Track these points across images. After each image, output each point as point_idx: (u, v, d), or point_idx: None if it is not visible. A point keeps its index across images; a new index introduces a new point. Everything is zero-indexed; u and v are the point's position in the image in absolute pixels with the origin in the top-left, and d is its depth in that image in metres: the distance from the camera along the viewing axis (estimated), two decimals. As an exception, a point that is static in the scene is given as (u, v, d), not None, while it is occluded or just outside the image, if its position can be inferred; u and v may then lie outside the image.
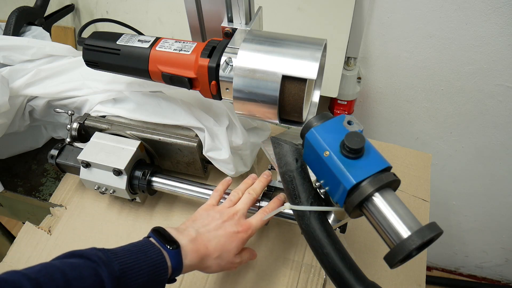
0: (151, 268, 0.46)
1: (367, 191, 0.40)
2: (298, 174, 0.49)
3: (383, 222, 0.40)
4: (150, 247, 0.48)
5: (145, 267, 0.45)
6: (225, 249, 0.54)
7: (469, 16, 0.88)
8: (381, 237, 0.41)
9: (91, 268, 0.41)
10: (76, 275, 0.40)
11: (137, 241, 0.49)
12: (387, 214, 0.39)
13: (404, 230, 0.38)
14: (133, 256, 0.46)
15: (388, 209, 0.40)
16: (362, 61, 1.07)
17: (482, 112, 1.06)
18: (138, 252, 0.46)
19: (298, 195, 0.48)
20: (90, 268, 0.41)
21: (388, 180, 0.40)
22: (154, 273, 0.46)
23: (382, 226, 0.40)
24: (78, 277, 0.40)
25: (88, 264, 0.42)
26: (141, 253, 0.46)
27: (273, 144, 0.52)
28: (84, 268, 0.41)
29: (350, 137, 0.41)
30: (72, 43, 1.28)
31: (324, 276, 0.68)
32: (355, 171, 0.40)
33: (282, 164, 0.50)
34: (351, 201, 0.41)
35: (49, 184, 0.85)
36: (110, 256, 0.44)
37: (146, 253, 0.47)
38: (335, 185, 0.42)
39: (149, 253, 0.47)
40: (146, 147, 0.73)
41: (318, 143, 0.43)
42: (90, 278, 0.40)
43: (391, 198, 0.40)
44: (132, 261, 0.45)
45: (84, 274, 0.40)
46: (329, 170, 0.42)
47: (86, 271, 0.41)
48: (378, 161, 0.41)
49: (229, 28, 0.60)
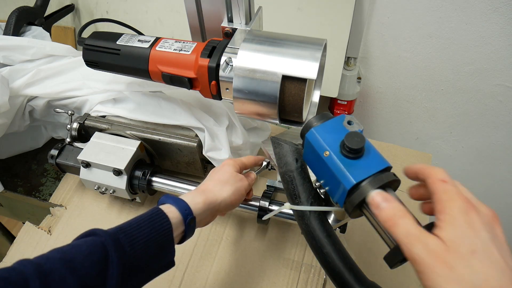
0: (149, 219, 0.46)
1: (367, 191, 0.40)
2: (298, 174, 0.49)
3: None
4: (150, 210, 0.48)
5: (145, 219, 0.45)
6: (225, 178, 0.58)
7: (469, 16, 0.88)
8: (381, 237, 0.41)
9: (92, 238, 0.42)
10: (74, 247, 0.40)
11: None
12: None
13: None
14: (133, 220, 0.46)
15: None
16: (362, 61, 1.07)
17: (482, 112, 1.06)
18: (138, 217, 0.47)
19: (298, 195, 0.49)
20: (90, 238, 0.42)
21: (388, 180, 0.40)
22: (154, 222, 0.45)
23: (382, 226, 0.40)
24: (76, 246, 0.40)
25: (89, 237, 0.42)
26: (140, 217, 0.47)
27: (273, 144, 0.52)
28: (83, 240, 0.41)
29: (350, 137, 0.41)
30: (72, 43, 1.28)
31: (324, 276, 0.68)
32: (355, 171, 0.40)
33: (282, 164, 0.50)
34: (351, 201, 0.41)
35: (49, 184, 0.85)
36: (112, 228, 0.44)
37: (146, 214, 0.47)
38: (335, 185, 0.42)
39: (148, 212, 0.47)
40: (146, 147, 0.73)
41: (318, 143, 0.43)
42: (88, 243, 0.41)
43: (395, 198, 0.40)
44: (131, 222, 0.45)
45: (80, 243, 0.40)
46: (329, 170, 0.42)
47: (85, 242, 0.41)
48: (378, 161, 0.41)
49: (229, 28, 0.60)
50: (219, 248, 0.72)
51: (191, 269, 0.70)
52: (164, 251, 0.46)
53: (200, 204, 0.52)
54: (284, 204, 0.50)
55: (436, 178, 0.35)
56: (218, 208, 0.55)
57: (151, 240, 0.44)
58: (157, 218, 0.46)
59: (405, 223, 0.35)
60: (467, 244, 0.30)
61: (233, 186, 0.57)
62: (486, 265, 0.30)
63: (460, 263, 0.30)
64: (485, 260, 0.30)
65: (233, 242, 0.73)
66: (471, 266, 0.30)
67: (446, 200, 0.33)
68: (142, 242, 0.43)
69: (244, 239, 0.73)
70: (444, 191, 0.34)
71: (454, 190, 0.34)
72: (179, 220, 0.48)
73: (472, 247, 0.30)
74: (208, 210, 0.53)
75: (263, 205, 0.66)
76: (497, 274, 0.29)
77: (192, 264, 0.70)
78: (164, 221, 0.46)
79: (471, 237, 0.31)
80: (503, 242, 0.32)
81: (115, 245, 0.41)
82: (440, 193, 0.34)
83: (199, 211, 0.51)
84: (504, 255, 0.30)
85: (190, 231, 0.50)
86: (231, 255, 0.71)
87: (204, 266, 0.70)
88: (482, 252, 0.30)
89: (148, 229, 0.44)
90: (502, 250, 0.31)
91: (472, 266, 0.30)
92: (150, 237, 0.44)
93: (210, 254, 0.72)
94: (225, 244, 0.73)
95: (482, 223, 0.32)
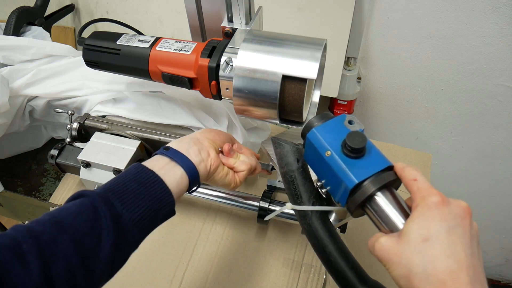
0: (135, 173, 0.45)
1: (369, 191, 0.40)
2: (299, 174, 0.49)
3: (386, 221, 0.40)
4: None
5: (130, 171, 0.45)
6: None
7: (469, 16, 0.88)
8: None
9: (80, 200, 0.41)
10: (64, 209, 0.39)
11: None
12: (390, 213, 0.40)
13: None
14: (119, 179, 0.45)
15: (390, 208, 0.40)
16: (362, 61, 1.07)
17: (482, 112, 1.06)
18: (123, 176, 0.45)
19: (300, 195, 0.48)
20: (79, 200, 0.41)
21: (390, 179, 0.40)
22: (139, 173, 0.44)
23: (384, 225, 0.40)
24: (65, 208, 0.40)
25: (78, 199, 0.42)
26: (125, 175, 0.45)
27: (273, 144, 0.52)
28: (72, 202, 0.41)
29: (351, 136, 0.41)
30: (72, 43, 1.28)
31: (324, 276, 0.68)
32: (357, 171, 0.40)
33: (283, 164, 0.50)
34: (353, 200, 0.41)
35: (49, 184, 0.85)
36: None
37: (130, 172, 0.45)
38: (337, 184, 0.42)
39: (133, 166, 0.46)
40: (146, 147, 0.73)
41: (320, 143, 0.43)
42: (76, 203, 0.40)
43: (393, 197, 0.40)
44: (117, 178, 0.44)
45: (69, 205, 0.40)
46: (331, 169, 0.42)
47: (73, 203, 0.40)
48: (380, 160, 0.41)
49: (229, 28, 0.60)
50: (219, 248, 0.72)
51: (191, 269, 0.70)
52: (159, 200, 0.45)
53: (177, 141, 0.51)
54: (285, 204, 0.50)
55: (408, 179, 0.39)
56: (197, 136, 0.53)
57: (141, 193, 0.43)
58: (142, 173, 0.45)
59: (371, 240, 0.39)
60: (419, 234, 0.34)
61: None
62: (437, 251, 0.33)
63: (410, 250, 0.34)
64: (436, 246, 0.33)
65: (233, 242, 0.73)
66: (421, 252, 0.33)
67: (417, 198, 0.37)
68: (131, 196, 0.42)
69: (244, 239, 0.73)
70: (417, 190, 0.37)
71: (424, 188, 0.37)
72: (165, 161, 0.47)
73: (424, 236, 0.34)
74: (185, 138, 0.52)
75: (263, 205, 0.66)
76: (446, 258, 0.32)
77: (192, 264, 0.70)
78: (149, 172, 0.45)
79: (426, 228, 0.34)
80: (468, 232, 0.34)
81: (104, 202, 0.40)
82: (414, 192, 0.38)
83: (178, 143, 0.50)
84: (463, 243, 0.33)
85: (183, 160, 0.48)
86: (231, 255, 0.71)
87: (204, 266, 0.70)
88: (435, 239, 0.33)
89: (135, 184, 0.43)
90: (464, 239, 0.34)
91: (422, 252, 0.33)
92: (139, 191, 0.43)
93: (210, 254, 0.72)
94: (225, 244, 0.73)
95: (448, 215, 0.34)
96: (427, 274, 0.32)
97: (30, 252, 0.34)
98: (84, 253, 0.37)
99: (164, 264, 0.71)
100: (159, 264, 0.71)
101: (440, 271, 0.32)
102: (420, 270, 0.33)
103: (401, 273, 0.34)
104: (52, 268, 0.35)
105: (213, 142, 0.54)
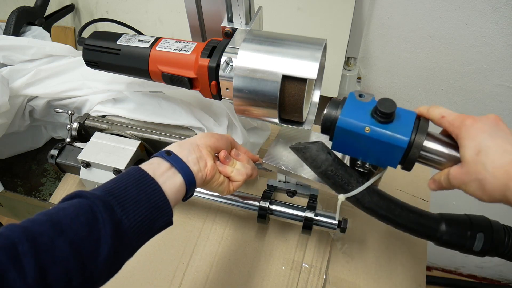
0: (136, 178, 0.44)
1: (421, 142, 0.44)
2: (338, 164, 0.51)
3: (444, 158, 0.46)
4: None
5: (131, 174, 0.44)
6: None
7: (469, 16, 0.88)
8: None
9: (77, 200, 0.40)
10: (61, 210, 0.38)
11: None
12: (444, 151, 0.45)
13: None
14: (119, 182, 0.44)
15: (441, 147, 0.46)
16: (362, 61, 1.07)
17: (482, 112, 1.06)
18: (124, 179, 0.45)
19: (348, 181, 0.51)
20: (76, 201, 0.40)
21: (427, 126, 0.46)
22: (140, 178, 0.44)
23: (444, 162, 0.46)
24: (62, 208, 0.38)
25: (75, 199, 0.41)
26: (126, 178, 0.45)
27: (299, 152, 0.53)
28: (69, 202, 0.40)
29: (381, 103, 0.44)
30: (72, 43, 1.28)
31: (324, 276, 0.68)
32: (400, 130, 0.44)
33: (319, 163, 0.51)
34: (411, 156, 0.44)
35: (49, 184, 0.85)
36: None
37: (131, 176, 0.45)
38: (386, 152, 0.45)
39: (132, 169, 0.45)
40: (146, 147, 0.73)
41: (353, 125, 0.45)
42: (74, 205, 0.39)
43: (435, 138, 0.46)
44: (117, 180, 0.44)
45: (65, 206, 0.39)
46: (376, 142, 0.44)
47: (71, 204, 0.39)
48: (407, 114, 0.46)
49: (229, 28, 0.60)
50: (219, 248, 0.72)
51: (191, 269, 0.70)
52: (158, 210, 0.44)
53: (176, 145, 0.51)
54: (338, 197, 0.52)
55: (437, 119, 0.46)
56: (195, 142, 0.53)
57: (141, 200, 0.42)
58: (143, 179, 0.44)
59: (434, 182, 0.48)
60: (472, 152, 0.41)
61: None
62: (491, 153, 0.40)
63: (473, 166, 0.41)
64: (488, 151, 0.40)
65: (233, 242, 0.73)
66: (481, 162, 0.41)
67: (455, 130, 0.44)
68: (132, 202, 0.41)
69: (244, 239, 0.74)
70: (449, 124, 0.44)
71: (455, 119, 0.44)
72: (166, 167, 0.47)
73: (477, 150, 0.41)
74: (185, 144, 0.51)
75: (263, 205, 0.66)
76: (500, 155, 0.40)
77: (192, 264, 0.70)
78: (150, 179, 0.44)
79: (474, 145, 0.41)
80: (504, 129, 0.42)
81: (104, 206, 0.39)
82: (447, 127, 0.45)
83: (178, 148, 0.50)
84: (504, 137, 0.41)
85: (178, 163, 0.48)
86: (231, 255, 0.71)
87: (204, 266, 0.70)
88: (484, 147, 0.41)
89: (136, 190, 0.43)
90: (505, 135, 0.41)
91: (481, 161, 0.40)
92: (139, 198, 0.42)
93: (210, 254, 0.72)
94: (225, 244, 0.73)
95: (483, 127, 0.42)
96: (492, 174, 0.39)
97: (26, 254, 0.33)
98: (82, 258, 0.36)
99: (164, 264, 0.71)
100: (159, 264, 0.71)
101: (499, 165, 0.39)
102: (487, 174, 0.40)
103: (475, 186, 0.41)
104: (48, 272, 0.33)
105: (213, 149, 0.54)
